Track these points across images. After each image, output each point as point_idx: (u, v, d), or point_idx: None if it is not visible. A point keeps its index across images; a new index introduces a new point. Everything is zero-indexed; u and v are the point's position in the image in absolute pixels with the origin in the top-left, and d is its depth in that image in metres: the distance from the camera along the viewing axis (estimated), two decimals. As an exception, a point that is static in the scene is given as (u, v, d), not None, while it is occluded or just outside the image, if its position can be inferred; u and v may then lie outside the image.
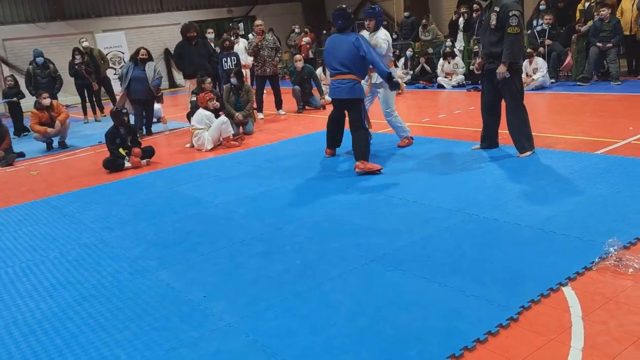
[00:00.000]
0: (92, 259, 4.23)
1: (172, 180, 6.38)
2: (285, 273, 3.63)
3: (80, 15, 17.84)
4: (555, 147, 5.97)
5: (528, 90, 10.11)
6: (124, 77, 9.22)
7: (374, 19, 6.51)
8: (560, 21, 11.59)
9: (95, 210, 5.51)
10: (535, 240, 3.72)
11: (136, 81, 9.12)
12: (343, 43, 5.82)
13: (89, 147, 9.20)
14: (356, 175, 5.71)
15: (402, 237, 4.00)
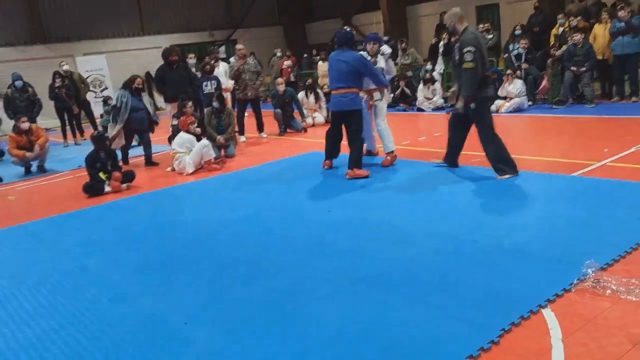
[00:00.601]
0: (71, 286, 4.16)
1: (153, 205, 6.34)
2: (269, 296, 3.61)
3: (61, 38, 17.81)
4: (533, 169, 6.06)
5: (506, 112, 10.32)
6: (124, 107, 8.63)
7: (377, 43, 7.06)
8: (536, 45, 11.86)
9: (74, 236, 5.44)
10: (515, 261, 3.76)
11: (136, 111, 8.76)
12: (346, 59, 6.40)
13: (68, 172, 9.11)
14: (339, 199, 5.74)
15: (385, 259, 4.01)
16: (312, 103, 11.52)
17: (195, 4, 20.25)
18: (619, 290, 3.21)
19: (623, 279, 3.31)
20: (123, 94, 8.67)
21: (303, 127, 10.78)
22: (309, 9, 22.59)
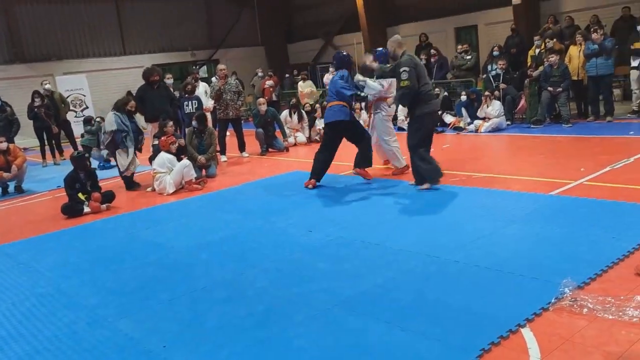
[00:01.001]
0: (47, 309, 4.09)
1: (132, 226, 6.28)
2: (247, 319, 3.59)
3: (41, 58, 17.70)
4: (512, 188, 6.14)
5: (485, 132, 10.47)
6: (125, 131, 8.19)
7: (377, 60, 7.38)
8: (514, 66, 12.10)
9: (51, 258, 5.36)
10: (494, 281, 3.79)
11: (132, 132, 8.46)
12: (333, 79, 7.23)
13: (47, 192, 9.00)
14: (319, 218, 5.75)
15: (365, 280, 4.01)
16: (295, 123, 11.57)
17: (177, 24, 20.31)
18: (596, 308, 3.25)
19: (599, 297, 3.35)
20: (120, 117, 8.18)
21: (285, 146, 10.81)
22: (291, 29, 22.80)
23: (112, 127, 8.06)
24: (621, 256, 3.96)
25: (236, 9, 21.61)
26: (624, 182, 5.86)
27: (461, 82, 12.75)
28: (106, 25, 19.02)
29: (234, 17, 21.51)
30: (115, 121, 8.09)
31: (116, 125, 8.06)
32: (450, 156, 8.47)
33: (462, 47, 13.40)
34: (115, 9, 19.20)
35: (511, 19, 14.10)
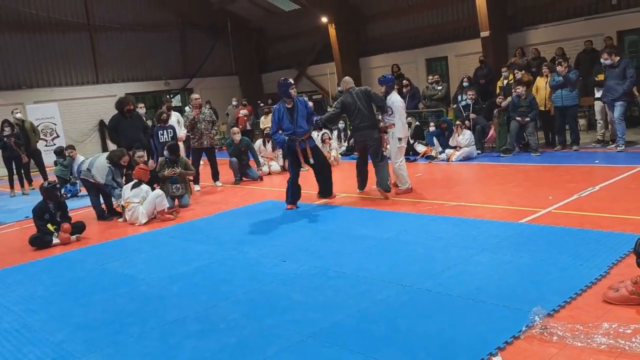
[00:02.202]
0: (12, 345, 3.97)
1: (102, 257, 6.17)
2: (220, 353, 3.54)
3: (11, 86, 17.52)
4: (482, 217, 6.23)
5: (456, 160, 10.64)
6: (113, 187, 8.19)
7: (384, 85, 7.90)
8: (483, 96, 12.41)
9: (17, 291, 5.22)
10: (467, 310, 3.82)
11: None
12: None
13: (14, 222, 8.81)
14: (293, 247, 5.74)
15: (338, 311, 4.01)
16: (270, 151, 11.61)
17: (151, 53, 20.36)
18: (565, 336, 3.30)
19: (569, 324, 3.40)
20: (111, 172, 8.04)
21: (259, 175, 10.81)
22: (265, 59, 23.04)
23: (102, 180, 8.00)
24: (589, 283, 4.04)
25: (210, 39, 21.79)
26: (590, 209, 6.01)
27: (432, 112, 13.00)
28: (79, 54, 18.98)
29: (208, 47, 21.68)
30: (107, 175, 8.01)
31: (106, 181, 8.02)
32: (422, 185, 8.58)
33: (433, 78, 13.71)
34: (89, 38, 19.19)
35: (480, 50, 14.52)
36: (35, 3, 17.90)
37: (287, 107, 7.50)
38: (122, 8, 19.77)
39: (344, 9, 18.22)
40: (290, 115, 7.48)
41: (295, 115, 7.48)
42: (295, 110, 7.50)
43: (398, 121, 7.82)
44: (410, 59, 17.45)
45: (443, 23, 16.95)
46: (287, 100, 7.51)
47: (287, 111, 7.48)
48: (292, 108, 7.50)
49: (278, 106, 7.59)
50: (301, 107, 7.56)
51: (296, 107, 7.51)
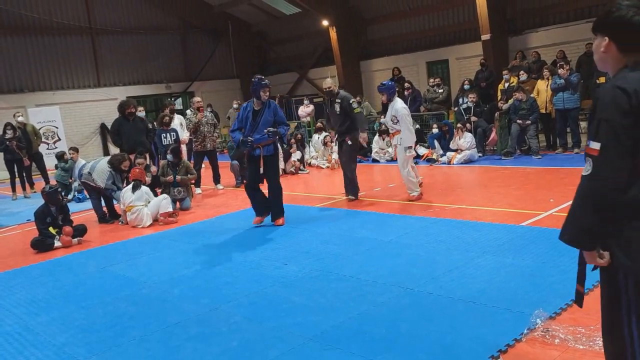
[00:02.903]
0: (13, 348, 3.98)
1: (104, 260, 6.17)
2: (222, 356, 3.54)
3: (13, 89, 17.56)
4: (484, 220, 6.23)
5: (458, 163, 10.65)
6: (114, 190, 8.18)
7: (385, 93, 7.68)
8: (484, 99, 12.41)
9: (19, 294, 5.23)
10: (468, 313, 3.82)
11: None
12: None
13: (16, 225, 8.81)
14: (295, 250, 5.74)
15: (340, 313, 4.01)
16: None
17: (152, 56, 20.41)
18: (567, 338, 3.30)
19: (570, 327, 3.40)
20: (112, 177, 8.07)
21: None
22: (266, 62, 23.07)
23: (102, 185, 8.02)
24: (590, 286, 4.03)
25: (212, 42, 21.84)
26: (592, 212, 6.00)
27: (433, 115, 13.00)
28: (81, 57, 19.02)
29: (209, 50, 21.72)
30: (108, 180, 8.03)
31: (106, 185, 8.04)
32: (424, 187, 8.57)
33: (434, 81, 13.71)
34: (90, 42, 19.23)
35: (481, 53, 14.53)
36: (37, 6, 17.94)
37: (254, 108, 6.87)
38: (123, 11, 19.82)
39: (344, 12, 18.25)
40: (254, 119, 6.81)
41: (259, 119, 6.78)
42: (261, 115, 6.79)
43: (405, 130, 7.52)
44: (411, 62, 17.47)
45: (444, 26, 16.97)
46: (256, 102, 6.86)
47: (253, 113, 6.83)
48: (259, 112, 6.82)
49: (246, 104, 7.05)
50: (268, 114, 6.80)
51: (262, 112, 6.80)
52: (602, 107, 2.01)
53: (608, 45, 2.09)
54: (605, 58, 2.13)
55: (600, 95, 2.04)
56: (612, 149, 1.96)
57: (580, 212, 2.04)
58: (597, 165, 1.98)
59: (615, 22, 2.06)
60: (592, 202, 2.00)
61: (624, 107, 1.96)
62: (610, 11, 2.08)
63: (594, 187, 2.00)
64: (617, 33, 2.06)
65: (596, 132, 2.00)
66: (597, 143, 1.99)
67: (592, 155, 2.00)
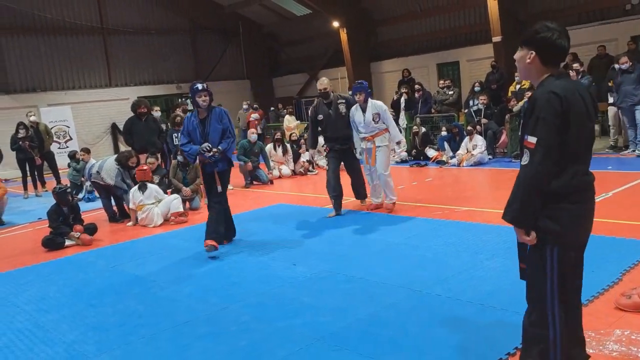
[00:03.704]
0: (24, 345, 4.01)
1: (113, 259, 6.21)
2: (230, 355, 3.55)
3: (26, 89, 17.71)
4: (493, 222, 6.20)
5: (468, 165, 10.61)
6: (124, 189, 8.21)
7: (362, 92, 7.12)
8: (494, 101, 12.36)
9: (30, 292, 5.27)
10: (477, 315, 3.81)
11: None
12: None
13: (27, 224, 8.89)
14: (304, 251, 5.75)
15: (348, 314, 4.01)
16: (280, 156, 11.65)
17: (163, 57, 20.53)
18: (576, 343, 3.28)
19: (580, 331, 3.38)
20: (120, 174, 8.09)
21: (269, 179, 10.84)
22: (276, 63, 23.12)
23: (111, 182, 8.05)
24: (601, 290, 4.01)
25: (222, 43, 21.92)
26: (603, 216, 5.95)
27: (444, 117, 12.98)
28: (93, 57, 19.16)
29: (220, 51, 21.80)
30: (117, 177, 8.06)
31: (115, 182, 8.06)
32: (433, 189, 8.56)
33: (445, 83, 13.68)
34: (102, 42, 19.36)
35: (492, 55, 14.48)
36: (49, 7, 18.09)
37: (199, 117, 6.06)
38: (135, 12, 19.95)
39: (355, 14, 18.26)
40: (202, 128, 6.03)
41: (207, 129, 6.01)
42: (208, 124, 6.03)
43: (392, 127, 7.18)
44: (422, 64, 17.44)
45: (455, 28, 16.93)
46: (199, 111, 6.06)
47: (200, 123, 6.03)
48: (205, 120, 6.03)
49: (189, 114, 6.30)
50: (215, 121, 6.02)
51: (209, 121, 6.03)
52: (539, 107, 2.39)
53: (534, 59, 2.52)
54: (530, 68, 2.56)
55: (538, 97, 2.42)
56: (546, 143, 2.35)
57: (520, 196, 2.44)
58: (534, 156, 2.37)
59: (542, 42, 2.49)
60: (529, 186, 2.40)
61: (557, 109, 2.36)
62: (537, 31, 2.51)
63: (530, 174, 2.39)
64: (542, 50, 2.50)
65: (533, 128, 2.38)
66: (534, 137, 2.37)
67: (529, 147, 2.39)
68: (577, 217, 2.48)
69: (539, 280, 2.56)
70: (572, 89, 2.45)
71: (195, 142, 6.01)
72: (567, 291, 2.56)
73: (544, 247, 2.51)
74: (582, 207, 2.50)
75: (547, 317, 2.55)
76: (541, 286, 2.55)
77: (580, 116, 2.42)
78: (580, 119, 2.42)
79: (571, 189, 2.44)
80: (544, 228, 2.47)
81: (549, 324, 2.54)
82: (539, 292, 2.57)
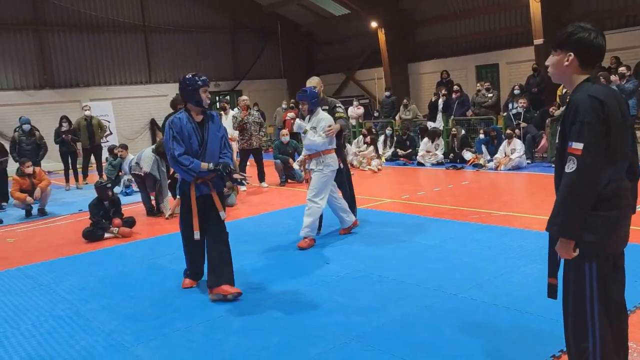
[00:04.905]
0: (65, 332, 4.14)
1: (151, 252, 6.34)
2: (263, 351, 3.59)
3: (70, 84, 18.21)
4: (531, 228, 6.10)
5: (505, 169, 10.44)
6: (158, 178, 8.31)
7: (306, 102, 6.09)
8: (535, 105, 12.12)
9: (71, 281, 5.43)
10: (513, 321, 3.75)
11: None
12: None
13: (68, 215, 9.15)
14: (337, 250, 5.76)
15: (381, 315, 4.00)
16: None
17: (202, 54, 20.78)
18: (616, 353, 3.20)
19: (620, 342, 3.29)
20: (157, 163, 8.23)
21: (304, 177, 10.86)
22: (313, 63, 23.17)
23: (147, 169, 8.21)
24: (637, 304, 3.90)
25: (260, 42, 22.08)
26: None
27: (481, 120, 12.80)
28: (134, 54, 19.56)
29: (258, 50, 21.97)
30: (153, 164, 8.22)
31: (151, 170, 8.20)
32: (469, 193, 8.46)
33: (484, 85, 13.48)
34: (143, 39, 19.75)
35: (532, 58, 14.19)
36: (95, 4, 18.56)
37: (194, 120, 4.63)
38: (176, 10, 20.28)
39: (394, 14, 18.14)
40: (200, 134, 4.62)
41: (206, 136, 4.64)
42: (206, 130, 4.65)
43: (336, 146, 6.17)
44: (460, 66, 17.22)
45: (495, 29, 16.66)
46: (194, 110, 4.65)
47: (197, 127, 4.62)
48: (202, 126, 4.65)
49: (178, 117, 4.63)
50: (214, 129, 4.70)
51: (207, 127, 4.66)
52: (583, 113, 2.32)
53: (572, 61, 2.44)
54: (567, 71, 2.47)
55: (579, 102, 2.35)
56: (593, 149, 2.29)
57: (569, 205, 2.35)
58: (581, 163, 2.30)
59: (579, 43, 2.42)
60: (578, 195, 2.33)
61: (600, 114, 2.31)
62: (573, 32, 2.44)
63: (579, 181, 2.32)
64: (581, 51, 2.42)
65: (579, 134, 2.31)
66: (580, 144, 2.30)
67: (576, 154, 2.31)
68: (614, 224, 2.42)
69: (577, 294, 2.48)
70: (609, 94, 2.40)
71: (191, 153, 4.56)
72: (609, 303, 2.48)
73: (582, 260, 2.43)
74: (618, 214, 2.43)
75: (587, 330, 2.48)
76: (580, 300, 2.48)
77: (618, 122, 2.38)
78: (618, 124, 2.37)
79: (607, 196, 2.38)
80: (581, 241, 2.39)
81: (589, 336, 2.48)
82: (577, 305, 2.50)
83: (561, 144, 2.46)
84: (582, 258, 2.42)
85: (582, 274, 2.44)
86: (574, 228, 2.37)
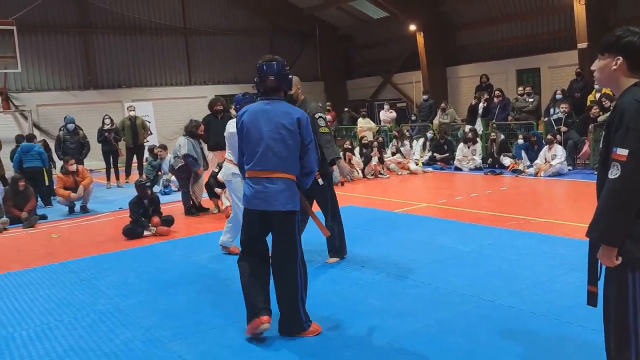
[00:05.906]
0: (106, 326, 4.25)
1: (189, 250, 6.45)
2: (297, 352, 3.61)
3: (112, 85, 18.70)
4: (572, 236, 5.96)
5: (545, 176, 10.23)
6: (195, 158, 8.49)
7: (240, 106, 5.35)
8: (577, 110, 11.84)
9: (111, 277, 5.57)
10: (551, 330, 3.68)
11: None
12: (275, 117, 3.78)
13: (109, 212, 9.38)
14: (374, 252, 5.75)
15: (417, 320, 3.98)
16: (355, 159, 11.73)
17: (242, 57, 21.03)
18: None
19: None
20: (191, 143, 8.43)
21: (340, 180, 10.87)
22: (351, 66, 23.18)
23: (184, 151, 8.39)
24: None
25: (298, 44, 22.21)
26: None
27: (521, 125, 12.58)
28: (174, 56, 19.96)
29: (296, 52, 22.11)
30: (188, 145, 8.43)
31: (187, 150, 8.39)
32: (508, 199, 8.32)
33: (525, 89, 13.25)
34: (184, 42, 20.14)
35: (575, 62, 13.87)
36: (138, 7, 19.02)
37: None
38: (216, 13, 20.62)
39: (433, 17, 18.01)
40: None
41: None
42: None
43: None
44: (500, 70, 16.97)
45: (536, 34, 16.36)
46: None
47: None
48: None
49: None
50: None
51: None
52: (629, 118, 2.25)
53: (621, 65, 2.38)
54: (615, 76, 2.41)
55: (626, 107, 2.28)
56: (638, 155, 2.23)
57: (612, 211, 2.28)
58: (626, 169, 2.23)
59: (628, 46, 2.37)
60: (621, 202, 2.26)
61: None
62: (621, 36, 2.40)
63: (623, 188, 2.25)
64: (630, 55, 2.37)
65: (624, 139, 2.25)
66: (625, 149, 2.24)
67: (620, 160, 2.25)
68: None
69: (619, 304, 2.41)
70: None
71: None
72: None
73: (625, 269, 2.36)
74: None
75: (629, 340, 2.41)
76: (622, 310, 2.40)
77: None
78: None
79: None
80: (624, 249, 2.32)
81: (631, 347, 2.41)
82: (619, 315, 2.42)
83: (605, 150, 2.41)
84: (624, 267, 2.35)
85: (624, 283, 2.38)
86: (616, 235, 2.30)
